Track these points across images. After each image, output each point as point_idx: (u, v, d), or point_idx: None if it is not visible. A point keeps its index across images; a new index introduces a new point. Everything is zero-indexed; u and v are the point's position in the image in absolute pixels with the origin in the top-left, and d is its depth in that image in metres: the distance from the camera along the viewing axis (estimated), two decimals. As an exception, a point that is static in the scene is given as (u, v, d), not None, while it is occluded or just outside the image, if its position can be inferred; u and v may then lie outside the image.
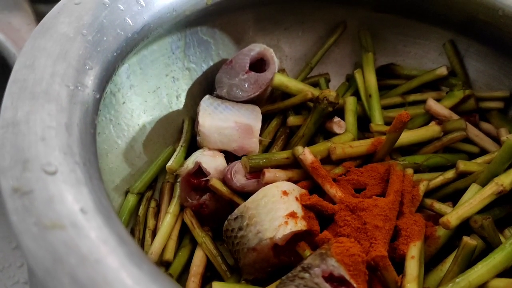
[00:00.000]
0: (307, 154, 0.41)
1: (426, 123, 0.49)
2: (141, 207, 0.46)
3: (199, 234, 0.43)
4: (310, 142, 0.48)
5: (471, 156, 0.48)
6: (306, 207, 0.39)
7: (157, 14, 0.39)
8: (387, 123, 0.50)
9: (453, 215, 0.38)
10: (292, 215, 0.38)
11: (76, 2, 0.34)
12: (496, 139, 0.49)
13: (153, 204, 0.46)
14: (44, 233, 0.22)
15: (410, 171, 0.43)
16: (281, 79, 0.49)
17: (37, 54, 0.30)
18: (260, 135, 0.48)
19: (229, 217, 0.41)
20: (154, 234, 0.45)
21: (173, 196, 0.47)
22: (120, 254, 0.22)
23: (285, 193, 0.39)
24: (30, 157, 0.24)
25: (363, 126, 0.50)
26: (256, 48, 0.50)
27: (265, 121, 0.50)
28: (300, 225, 0.38)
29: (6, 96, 0.27)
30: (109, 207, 0.25)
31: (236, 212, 0.40)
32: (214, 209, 0.44)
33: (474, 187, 0.40)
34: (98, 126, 0.40)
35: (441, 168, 0.46)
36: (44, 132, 0.26)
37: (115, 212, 0.25)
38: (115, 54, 0.35)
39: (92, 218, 0.23)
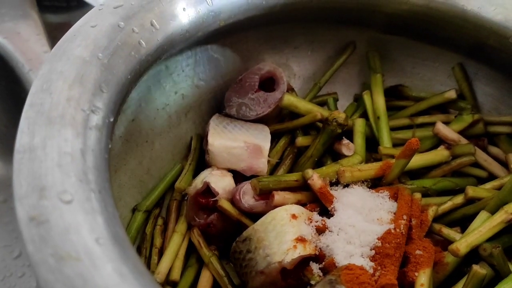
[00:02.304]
0: (315, 179, 0.41)
1: (435, 146, 0.49)
2: (148, 224, 0.46)
3: (206, 254, 0.43)
4: (318, 162, 0.48)
5: (480, 180, 0.48)
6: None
7: (170, 36, 0.39)
8: (395, 144, 0.50)
9: (463, 243, 0.38)
10: (301, 239, 0.38)
11: (92, 25, 0.34)
12: (505, 164, 0.49)
13: (160, 222, 0.46)
14: (61, 265, 0.22)
15: (418, 195, 0.43)
16: (290, 99, 0.49)
17: (53, 77, 0.30)
18: (268, 153, 0.48)
19: (237, 239, 0.41)
20: (160, 252, 0.45)
21: (180, 214, 0.47)
22: (136, 286, 0.22)
23: (294, 216, 0.39)
24: (47, 185, 0.25)
25: (371, 147, 0.50)
26: (266, 67, 0.50)
27: (273, 139, 0.50)
28: (308, 249, 0.38)
29: (23, 120, 0.27)
30: (124, 237, 0.25)
31: (245, 234, 0.40)
32: (221, 228, 0.44)
33: (483, 215, 0.40)
34: (112, 136, 0.41)
35: (450, 192, 0.46)
36: (60, 158, 0.26)
37: (130, 242, 0.25)
38: (129, 76, 0.35)
39: (108, 250, 0.23)
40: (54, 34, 0.74)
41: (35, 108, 0.28)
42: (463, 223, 0.43)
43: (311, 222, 0.40)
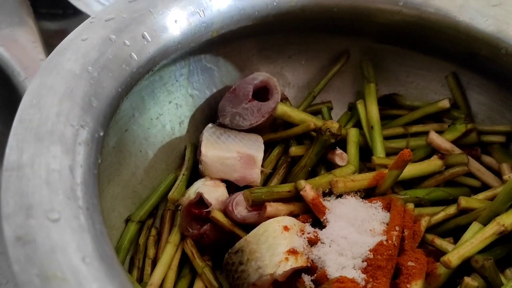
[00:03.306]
0: (308, 191, 0.41)
1: (428, 155, 0.49)
2: (141, 235, 0.46)
3: (199, 265, 0.43)
4: (311, 172, 0.48)
5: (473, 190, 0.48)
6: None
7: (163, 48, 0.39)
8: (388, 153, 0.50)
9: (454, 255, 0.38)
10: (293, 251, 0.38)
11: (83, 38, 0.34)
12: (498, 173, 0.49)
13: (153, 232, 0.46)
14: (46, 285, 0.22)
15: (411, 205, 0.43)
16: (284, 109, 0.49)
17: (43, 92, 0.30)
18: (262, 163, 0.48)
19: (229, 251, 0.41)
20: (154, 263, 0.45)
21: (174, 225, 0.47)
22: (121, 306, 0.22)
23: (286, 228, 0.39)
24: (34, 203, 0.25)
25: (365, 156, 0.50)
26: (260, 77, 0.50)
27: (267, 149, 0.50)
28: (300, 261, 0.38)
29: (12, 137, 0.27)
30: (111, 255, 0.25)
31: (237, 246, 0.40)
32: (214, 239, 0.44)
33: (475, 226, 0.40)
34: (102, 150, 0.41)
35: (443, 202, 0.46)
36: (48, 175, 0.26)
37: (118, 259, 0.25)
38: (119, 90, 0.35)
39: (94, 269, 0.23)
40: (50, 41, 0.74)
41: (24, 124, 0.28)
42: (456, 234, 0.43)
43: (303, 233, 0.40)
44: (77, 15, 0.75)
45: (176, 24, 0.40)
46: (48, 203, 0.25)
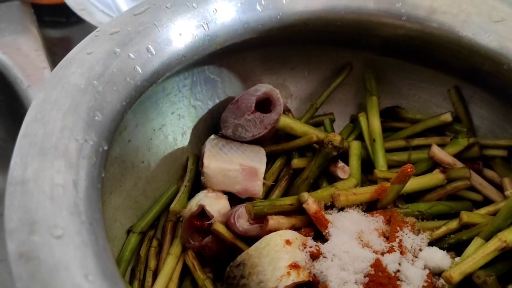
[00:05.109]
0: (310, 204, 0.41)
1: (430, 169, 0.49)
2: (143, 246, 0.46)
3: (200, 277, 0.43)
4: (313, 184, 0.48)
5: (475, 204, 0.48)
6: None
7: (167, 61, 0.39)
8: (390, 166, 0.50)
9: (456, 270, 0.38)
10: (295, 265, 0.38)
11: (88, 52, 0.34)
12: (500, 187, 0.49)
13: (154, 243, 0.46)
14: (49, 303, 0.22)
15: (412, 219, 0.43)
16: (286, 121, 0.49)
17: (47, 107, 0.30)
18: (264, 174, 0.48)
19: (231, 264, 0.41)
20: (155, 275, 0.44)
21: (175, 236, 0.47)
22: (124, 325, 0.22)
23: (288, 242, 0.39)
24: (38, 219, 0.25)
25: (368, 168, 0.50)
26: (262, 88, 0.51)
27: (269, 160, 0.50)
28: (302, 276, 0.38)
29: (16, 152, 0.27)
30: (114, 271, 0.25)
31: (239, 259, 0.40)
32: (216, 251, 0.44)
33: (477, 241, 0.40)
34: (106, 164, 0.41)
35: (445, 216, 0.46)
36: (52, 190, 0.26)
37: (120, 276, 0.25)
38: (124, 103, 0.35)
39: (97, 286, 0.23)
40: (53, 49, 0.75)
41: (28, 139, 0.28)
42: (458, 248, 0.43)
43: (305, 247, 0.40)
44: (81, 24, 0.75)
45: (180, 37, 0.41)
46: (52, 219, 0.25)
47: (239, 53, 0.51)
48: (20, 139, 0.28)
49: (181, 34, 0.41)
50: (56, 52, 0.78)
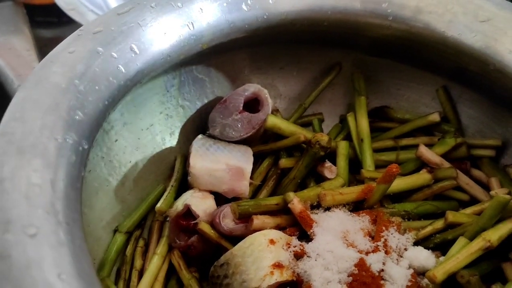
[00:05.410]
0: (296, 203, 0.41)
1: (417, 168, 0.49)
2: (129, 246, 0.46)
3: (186, 276, 0.43)
4: (301, 184, 0.48)
5: (462, 204, 0.48)
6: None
7: (151, 60, 0.39)
8: (378, 166, 0.50)
9: (440, 270, 0.38)
10: (278, 265, 0.38)
11: (70, 51, 0.34)
12: (487, 187, 0.49)
13: (141, 243, 0.46)
14: (20, 302, 0.22)
15: (398, 219, 0.43)
16: (274, 121, 0.49)
17: (27, 106, 0.30)
18: (252, 174, 0.48)
19: (215, 263, 0.41)
20: (140, 274, 0.44)
21: (162, 236, 0.47)
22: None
23: (272, 241, 0.39)
24: (12, 218, 0.25)
25: (355, 168, 0.50)
26: (251, 88, 0.51)
27: (257, 160, 0.50)
28: (285, 275, 0.38)
29: (-7, 151, 0.27)
30: (90, 272, 0.25)
31: (223, 259, 0.40)
32: (201, 250, 0.44)
33: (462, 241, 0.40)
34: (89, 164, 0.41)
35: (431, 215, 0.46)
36: (28, 189, 0.26)
37: (96, 276, 0.25)
38: (106, 102, 0.35)
39: (70, 286, 0.23)
40: (44, 49, 0.74)
41: (6, 137, 0.28)
42: (444, 248, 0.43)
43: (289, 247, 0.40)
44: (72, 24, 0.75)
45: (165, 36, 0.41)
46: (27, 218, 0.25)
47: (227, 53, 0.51)
48: (-2, 138, 0.28)
49: (166, 34, 0.41)
50: (47, 51, 0.77)
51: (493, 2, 0.44)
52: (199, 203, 0.44)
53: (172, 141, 0.52)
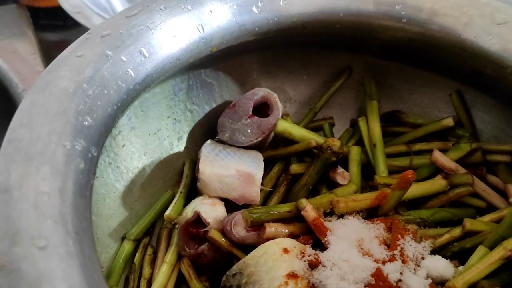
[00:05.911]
0: (309, 211, 0.40)
1: (432, 174, 0.48)
2: (137, 254, 0.45)
3: (196, 286, 0.42)
4: (312, 190, 0.47)
5: (478, 211, 0.47)
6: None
7: (160, 64, 0.38)
8: (391, 172, 0.49)
9: (460, 280, 0.37)
10: (293, 275, 0.37)
11: (78, 55, 0.33)
12: (504, 193, 0.47)
13: (149, 251, 0.45)
14: (30, 319, 0.21)
15: (414, 227, 0.42)
16: (284, 126, 0.48)
17: (34, 111, 0.29)
18: (262, 180, 0.47)
19: (227, 273, 0.40)
20: (149, 283, 0.43)
21: (170, 243, 0.45)
22: None
23: (285, 250, 0.38)
24: (20, 229, 0.23)
25: (367, 174, 0.49)
26: (260, 92, 0.50)
27: (267, 166, 0.49)
28: (300, 285, 0.37)
29: (0, 158, 0.26)
30: (100, 282, 0.23)
31: (235, 268, 0.39)
32: (212, 259, 0.43)
33: (481, 250, 0.39)
34: (96, 170, 0.39)
35: (448, 222, 0.45)
36: (36, 199, 0.25)
37: (106, 286, 0.24)
38: (115, 107, 0.34)
39: (81, 300, 0.22)
40: (50, 53, 0.74)
41: (13, 144, 0.27)
42: (462, 257, 0.41)
43: (303, 256, 0.39)
44: (78, 27, 0.74)
45: (174, 39, 0.40)
46: (35, 229, 0.24)
47: (236, 56, 0.50)
48: (5, 144, 0.27)
49: (175, 37, 0.40)
50: (52, 55, 0.77)
51: (511, 4, 0.43)
52: (209, 210, 0.43)
53: (180, 146, 0.51)
